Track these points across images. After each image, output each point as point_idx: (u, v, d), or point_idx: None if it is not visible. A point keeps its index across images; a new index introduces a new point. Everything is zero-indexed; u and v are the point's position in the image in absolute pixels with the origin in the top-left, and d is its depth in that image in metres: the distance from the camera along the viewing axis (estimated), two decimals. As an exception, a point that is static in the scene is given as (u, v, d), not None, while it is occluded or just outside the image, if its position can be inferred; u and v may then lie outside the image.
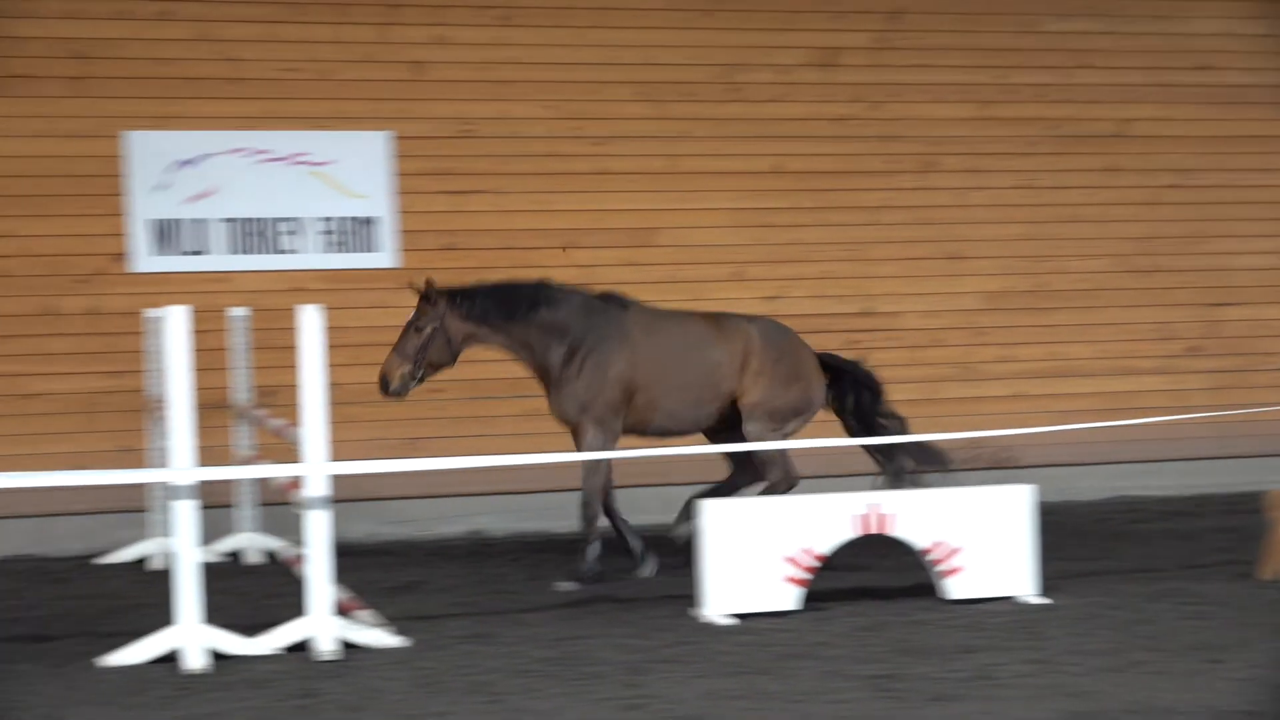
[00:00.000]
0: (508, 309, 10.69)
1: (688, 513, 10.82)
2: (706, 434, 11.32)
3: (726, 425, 11.14)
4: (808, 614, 9.59)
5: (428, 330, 10.58)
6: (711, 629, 9.36)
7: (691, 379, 10.91)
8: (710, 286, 13.63)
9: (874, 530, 9.80)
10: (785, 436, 11.06)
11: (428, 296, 10.60)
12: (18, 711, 7.80)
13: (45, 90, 12.51)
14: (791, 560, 9.65)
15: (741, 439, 10.91)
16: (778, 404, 11.02)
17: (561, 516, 13.00)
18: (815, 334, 13.75)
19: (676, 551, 11.03)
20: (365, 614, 9.44)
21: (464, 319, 10.66)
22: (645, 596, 10.33)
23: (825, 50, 13.98)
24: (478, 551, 12.43)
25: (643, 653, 8.79)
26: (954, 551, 9.87)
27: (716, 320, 11.18)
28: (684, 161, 13.68)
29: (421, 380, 10.68)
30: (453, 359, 10.77)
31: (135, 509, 12.04)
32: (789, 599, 9.65)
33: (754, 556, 9.60)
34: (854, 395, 11.35)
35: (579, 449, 10.68)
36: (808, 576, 9.69)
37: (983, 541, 9.90)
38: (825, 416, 11.54)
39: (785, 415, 11.06)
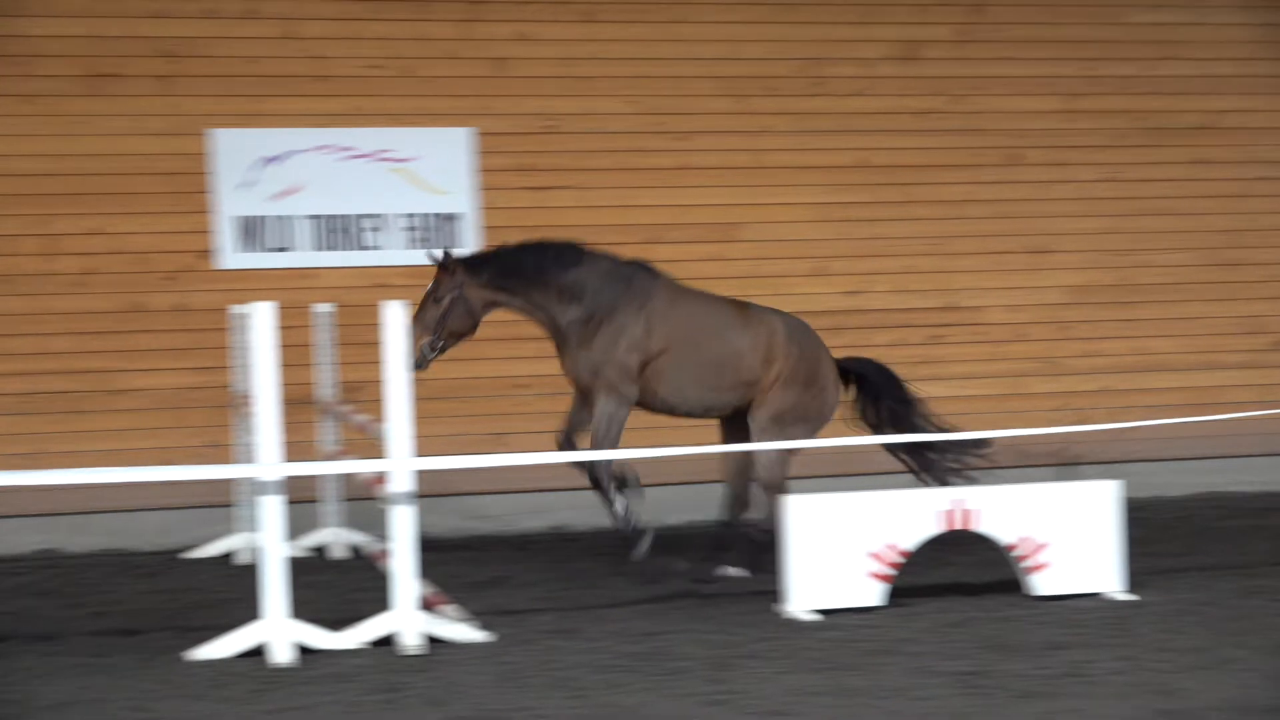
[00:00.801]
0: (527, 273, 10.51)
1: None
2: (722, 428, 11.10)
3: (739, 426, 10.95)
4: (892, 610, 9.55)
5: (446, 300, 10.42)
6: (796, 625, 9.34)
7: (708, 359, 10.68)
8: (792, 281, 13.60)
9: (959, 526, 9.74)
10: (782, 456, 10.75)
11: (445, 266, 10.46)
12: (107, 704, 7.88)
13: (133, 89, 12.62)
14: (876, 556, 9.61)
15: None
16: (788, 406, 10.76)
17: (645, 511, 12.97)
18: (897, 329, 13.79)
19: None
20: (450, 609, 9.48)
21: (483, 286, 10.49)
22: (729, 592, 10.31)
23: (908, 44, 13.91)
24: (561, 546, 12.45)
25: (727, 648, 8.78)
26: (1040, 547, 9.81)
27: (743, 309, 10.97)
28: (767, 156, 13.65)
29: (443, 350, 10.51)
30: (473, 327, 10.60)
31: (222, 504, 12.13)
32: (873, 595, 9.61)
33: (838, 552, 9.57)
34: (882, 403, 11.15)
35: (593, 414, 10.50)
36: (892, 572, 9.65)
37: (1069, 537, 9.83)
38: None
39: (792, 419, 10.77)
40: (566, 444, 10.65)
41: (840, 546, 9.57)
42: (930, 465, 11.01)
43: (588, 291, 10.55)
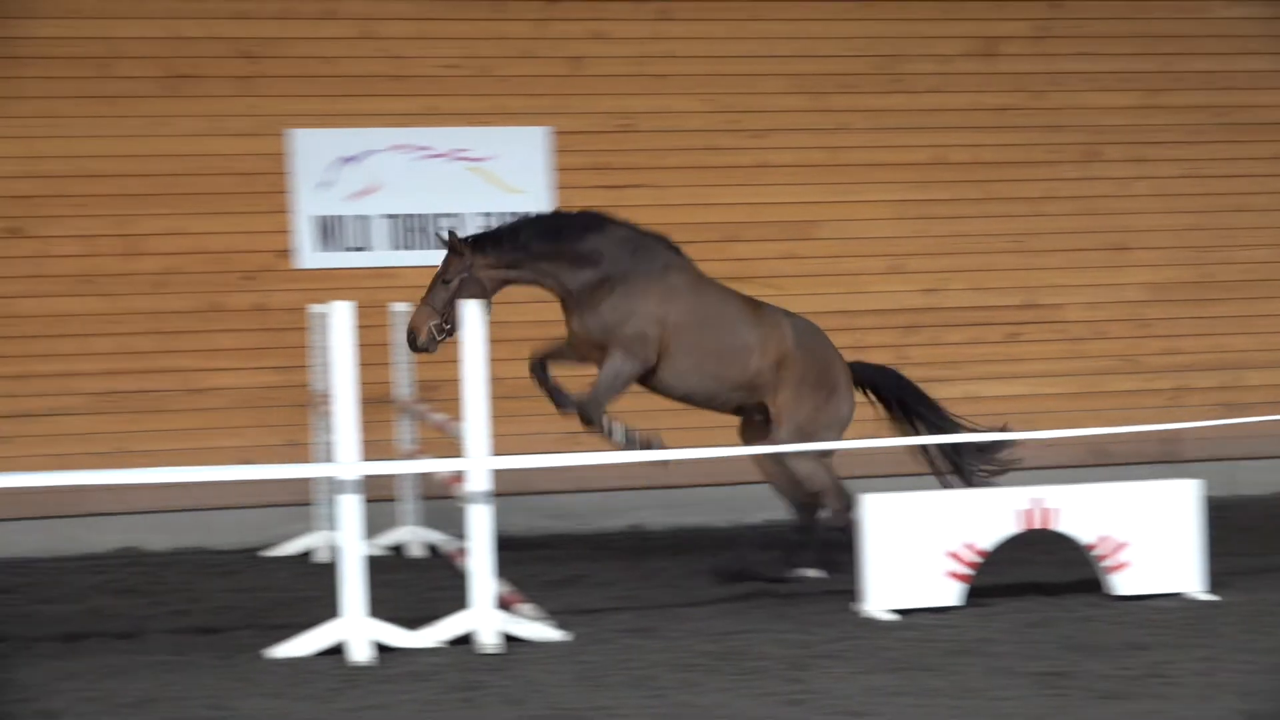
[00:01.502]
0: (538, 246, 10.33)
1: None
2: (742, 432, 11.03)
3: (756, 429, 10.86)
4: (970, 610, 9.49)
5: (455, 282, 10.26)
6: (873, 624, 9.30)
7: (715, 348, 10.49)
8: (868, 279, 13.55)
9: (1037, 525, 9.68)
10: (823, 453, 10.67)
11: (453, 247, 10.32)
12: (187, 702, 7.94)
13: (212, 89, 12.71)
14: (954, 555, 9.56)
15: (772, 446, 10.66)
16: (807, 416, 10.64)
17: (722, 510, 13.01)
18: (974, 327, 13.71)
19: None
20: (527, 608, 9.49)
21: (493, 265, 10.33)
22: (807, 592, 10.29)
23: (986, 40, 13.83)
24: (638, 546, 12.45)
25: (804, 648, 8.75)
26: (1120, 547, 9.73)
27: (756, 306, 10.80)
28: (843, 154, 13.60)
29: (451, 333, 10.29)
30: (484, 308, 10.42)
31: (301, 503, 12.20)
32: (951, 594, 9.56)
33: (916, 551, 9.52)
34: (897, 407, 11.07)
35: (601, 368, 10.32)
36: (970, 572, 9.60)
37: (1149, 536, 9.74)
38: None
39: (815, 427, 10.62)
40: (538, 367, 10.43)
41: (918, 546, 9.53)
42: (960, 469, 10.91)
43: (605, 257, 10.36)
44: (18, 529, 12.28)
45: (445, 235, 10.43)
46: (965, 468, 10.89)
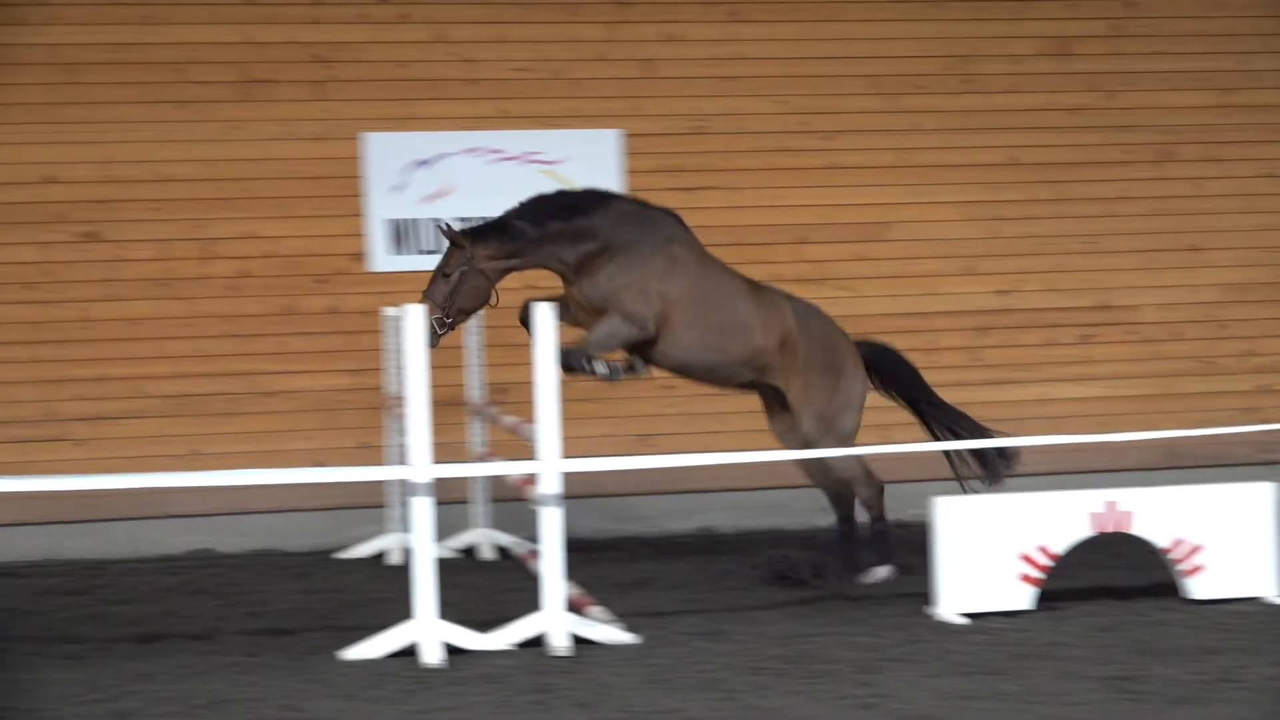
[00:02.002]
0: (540, 229, 10.18)
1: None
2: (766, 410, 10.86)
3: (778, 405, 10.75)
4: (1042, 614, 9.44)
5: (456, 275, 10.15)
6: (944, 628, 9.26)
7: (717, 322, 10.35)
8: (941, 281, 13.49)
9: (1111, 528, 9.61)
10: (847, 434, 10.62)
11: (454, 240, 10.21)
12: (260, 703, 8.00)
13: (286, 94, 12.79)
14: (1026, 558, 9.51)
15: (797, 438, 10.61)
16: (823, 401, 10.56)
17: (792, 514, 12.97)
18: (1048, 328, 13.63)
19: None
20: (597, 610, 9.50)
21: (495, 256, 10.20)
22: (877, 595, 10.26)
23: (1060, 39, 13.74)
24: (707, 548, 12.44)
25: (875, 651, 8.73)
26: (1195, 550, 9.65)
27: (757, 287, 10.67)
28: (915, 155, 13.55)
29: (453, 326, 10.25)
30: (486, 300, 10.31)
31: (373, 505, 12.26)
32: (1023, 598, 9.50)
33: (988, 555, 9.48)
34: (893, 385, 10.94)
35: (598, 325, 10.13)
36: (1042, 575, 9.54)
37: (1225, 540, 9.66)
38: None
39: (835, 411, 10.58)
40: (526, 313, 10.05)
41: (990, 549, 9.48)
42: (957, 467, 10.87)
43: (607, 229, 10.21)
44: (93, 530, 12.41)
45: (444, 228, 10.31)
46: (981, 467, 10.81)
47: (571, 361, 10.03)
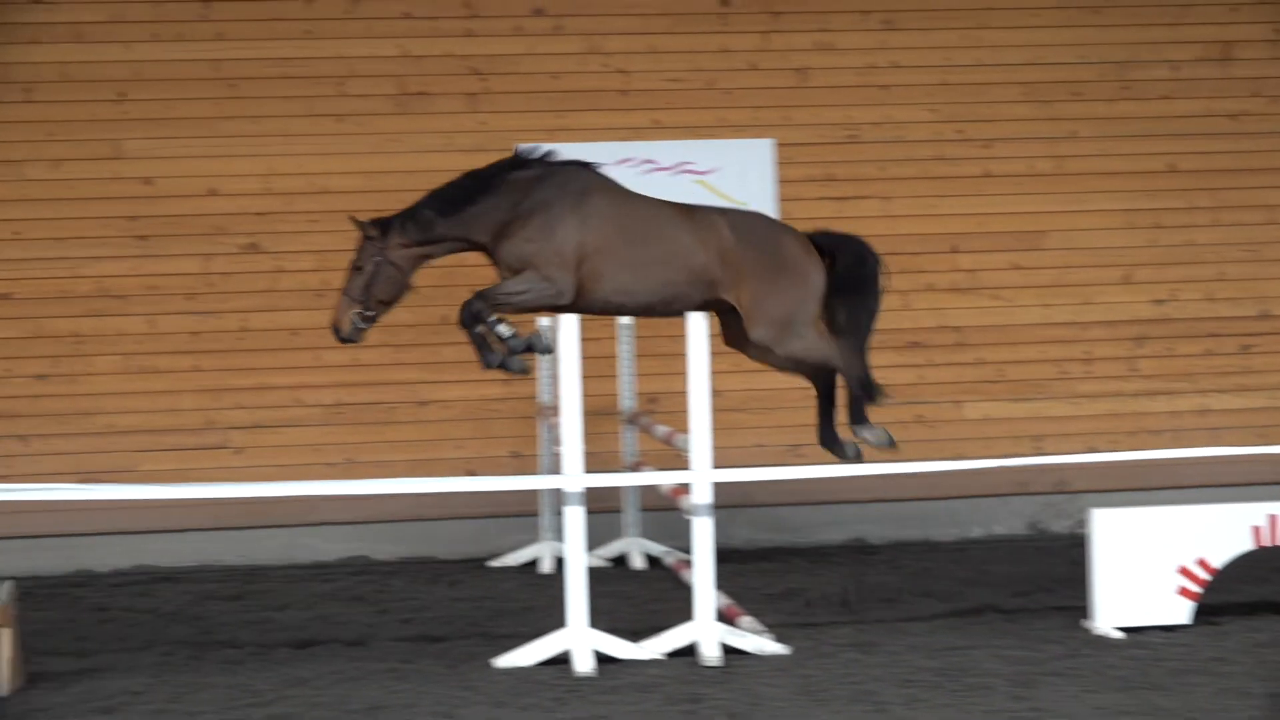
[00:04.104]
0: (448, 214, 9.98)
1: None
2: (726, 334, 10.38)
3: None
4: (1199, 628, 9.29)
5: (370, 267, 9.97)
6: (1100, 642, 9.14)
7: (653, 256, 9.98)
8: (1097, 290, 13.32)
9: (1272, 542, 9.44)
10: (806, 326, 10.09)
11: (364, 231, 10.03)
12: (415, 709, 8.08)
13: (442, 106, 12.93)
14: (1184, 572, 9.37)
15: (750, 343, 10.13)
16: (780, 308, 10.03)
17: (944, 524, 12.88)
18: (1207, 338, 13.39)
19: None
20: (748, 620, 9.49)
21: (407, 245, 10.00)
22: (1031, 607, 10.16)
23: (1220, 44, 13.52)
24: (858, 559, 12.37)
25: (1029, 665, 8.64)
26: (1360, 566, 9.46)
27: (687, 209, 10.29)
28: (1072, 162, 13.39)
29: (375, 319, 10.06)
30: (404, 290, 10.09)
31: (525, 513, 12.33)
32: (1181, 612, 9.36)
33: (1145, 568, 9.35)
34: (842, 282, 10.29)
35: (512, 279, 9.84)
36: (1200, 589, 9.39)
37: (1391, 556, 9.46)
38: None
39: (794, 316, 10.05)
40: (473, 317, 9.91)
41: (1148, 562, 9.35)
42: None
43: (516, 199, 9.96)
44: (252, 537, 12.60)
45: (355, 219, 10.11)
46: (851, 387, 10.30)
47: (475, 308, 9.78)
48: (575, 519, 8.83)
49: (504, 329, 9.78)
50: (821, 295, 10.18)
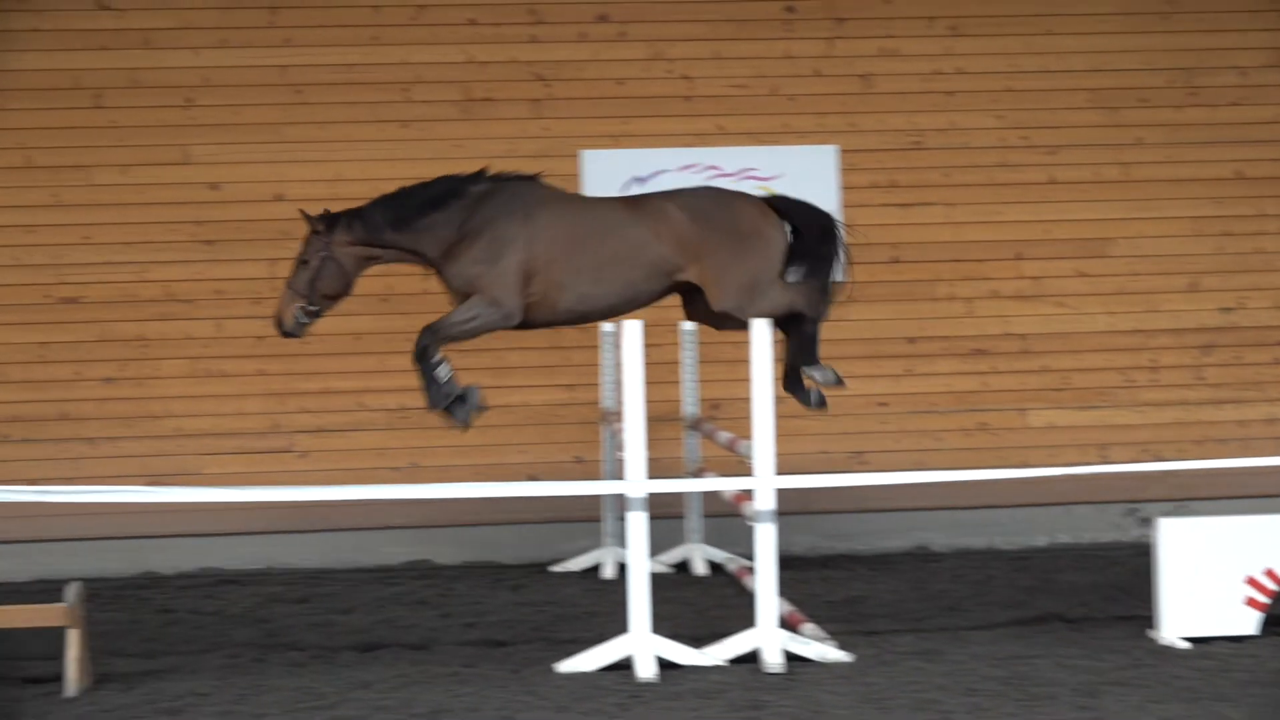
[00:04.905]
0: (393, 224, 9.96)
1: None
2: (690, 311, 10.41)
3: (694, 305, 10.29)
4: (1267, 639, 9.21)
5: (314, 262, 9.96)
6: (1166, 652, 9.08)
7: (606, 258, 9.95)
8: (1164, 298, 13.23)
9: (1342, 553, 9.36)
10: (770, 287, 9.98)
11: (312, 225, 10.01)
12: (478, 714, 8.10)
13: (507, 112, 12.97)
14: (1252, 582, 9.29)
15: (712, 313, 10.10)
16: (742, 275, 9.97)
17: (1007, 532, 12.83)
18: (1276, 346, 13.28)
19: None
20: (810, 628, 9.47)
21: (351, 243, 9.98)
22: (1096, 617, 10.10)
23: (1290, 50, 13.43)
24: (920, 567, 12.33)
25: (1094, 674, 8.59)
26: None
27: (634, 202, 10.25)
28: (1138, 169, 13.32)
29: (318, 315, 10.07)
30: (348, 287, 10.10)
31: (588, 518, 12.35)
32: (1248, 623, 9.29)
33: (1212, 578, 9.28)
34: (802, 248, 10.17)
35: (460, 307, 9.89)
36: (1268, 600, 9.31)
37: None
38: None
39: (758, 281, 9.98)
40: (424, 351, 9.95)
41: (1215, 572, 9.28)
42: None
43: (463, 217, 9.95)
44: (316, 540, 12.67)
45: (303, 212, 10.09)
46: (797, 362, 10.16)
47: (422, 343, 9.81)
48: (638, 524, 8.84)
49: (442, 371, 9.88)
50: (783, 253, 10.13)
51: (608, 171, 13.00)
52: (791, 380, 10.16)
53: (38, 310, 12.69)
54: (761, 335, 8.94)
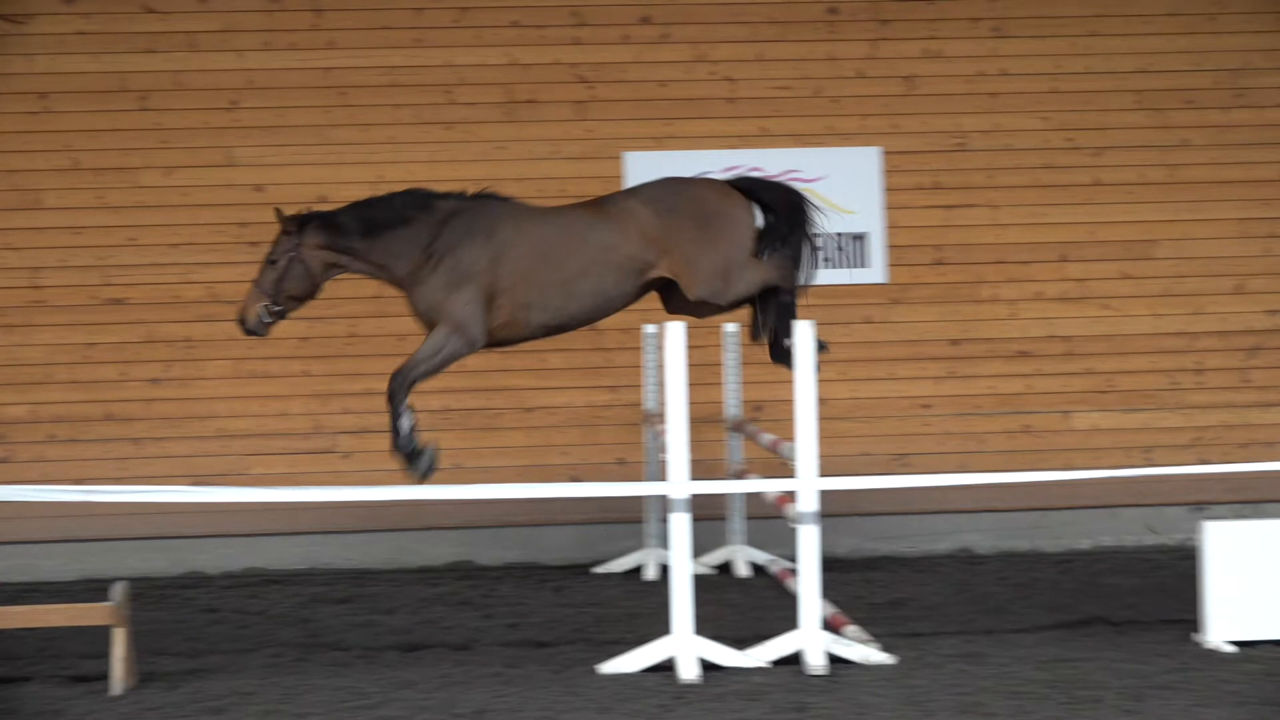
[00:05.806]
0: (366, 230, 9.92)
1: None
2: (668, 304, 10.28)
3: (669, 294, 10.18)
4: (1315, 643, 9.18)
5: (282, 262, 9.92)
6: (1213, 656, 9.03)
7: (574, 270, 9.88)
8: (1209, 300, 13.16)
9: (1390, 557, 9.29)
10: (744, 267, 9.89)
11: (283, 225, 9.98)
12: (520, 715, 8.11)
13: (551, 114, 12.98)
14: (1299, 587, 9.24)
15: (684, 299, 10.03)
16: (715, 260, 9.89)
17: (1051, 535, 12.79)
18: (1320, 351, 13.21)
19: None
20: (853, 630, 9.46)
21: (320, 247, 9.94)
22: (1141, 620, 10.05)
23: (1338, 52, 13.34)
24: (964, 569, 12.29)
25: (1140, 678, 8.55)
26: None
27: (597, 204, 10.17)
28: (1184, 171, 13.25)
29: (282, 315, 10.02)
30: (313, 290, 10.06)
31: (630, 520, 12.35)
32: (1295, 627, 9.24)
33: (1258, 581, 9.22)
34: (775, 229, 10.07)
35: (425, 341, 9.88)
36: (1316, 604, 9.26)
37: None
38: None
39: (732, 262, 9.90)
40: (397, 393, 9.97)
41: (1261, 575, 9.22)
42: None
43: (429, 236, 9.90)
44: (360, 541, 12.71)
45: (277, 211, 10.06)
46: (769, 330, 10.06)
47: (392, 387, 9.88)
48: (680, 526, 8.83)
49: (405, 423, 9.91)
50: (752, 231, 10.07)
51: (651, 173, 12.92)
52: (777, 351, 10.05)
53: (84, 311, 12.76)
54: (803, 336, 8.93)
